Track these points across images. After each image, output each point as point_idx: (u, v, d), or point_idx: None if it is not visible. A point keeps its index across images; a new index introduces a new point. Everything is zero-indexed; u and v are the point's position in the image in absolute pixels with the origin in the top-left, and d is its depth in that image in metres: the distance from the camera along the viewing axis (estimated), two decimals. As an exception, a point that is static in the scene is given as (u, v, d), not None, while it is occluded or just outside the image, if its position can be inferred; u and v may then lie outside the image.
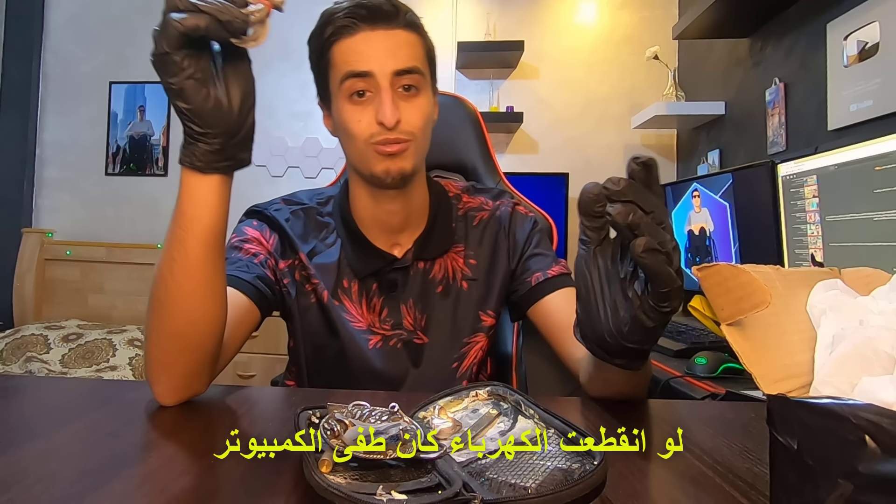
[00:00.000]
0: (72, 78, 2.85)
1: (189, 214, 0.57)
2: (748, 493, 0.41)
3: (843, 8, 1.51)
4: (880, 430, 0.26)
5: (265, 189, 2.75)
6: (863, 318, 0.37)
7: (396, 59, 0.72)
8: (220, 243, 0.60)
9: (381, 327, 0.81)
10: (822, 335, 0.37)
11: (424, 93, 0.76)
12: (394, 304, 0.82)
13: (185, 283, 0.57)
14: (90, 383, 0.76)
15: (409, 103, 0.74)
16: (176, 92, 0.51)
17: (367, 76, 0.72)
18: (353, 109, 0.73)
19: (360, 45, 0.72)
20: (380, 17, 0.72)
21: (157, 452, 0.48)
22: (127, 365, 2.19)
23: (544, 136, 2.72)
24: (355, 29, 0.72)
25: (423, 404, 0.52)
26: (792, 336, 0.38)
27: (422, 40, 0.77)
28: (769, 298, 0.37)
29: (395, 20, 0.73)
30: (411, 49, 0.74)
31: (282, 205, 0.85)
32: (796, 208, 1.39)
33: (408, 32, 0.74)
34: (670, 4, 2.67)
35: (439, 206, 0.85)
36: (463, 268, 0.85)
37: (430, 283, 0.83)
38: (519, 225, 0.87)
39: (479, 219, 0.87)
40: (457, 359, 0.83)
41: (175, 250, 0.57)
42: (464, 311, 0.83)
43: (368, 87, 0.72)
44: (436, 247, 0.83)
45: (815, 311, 0.39)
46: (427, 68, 0.77)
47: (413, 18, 0.76)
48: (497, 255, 0.86)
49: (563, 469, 0.39)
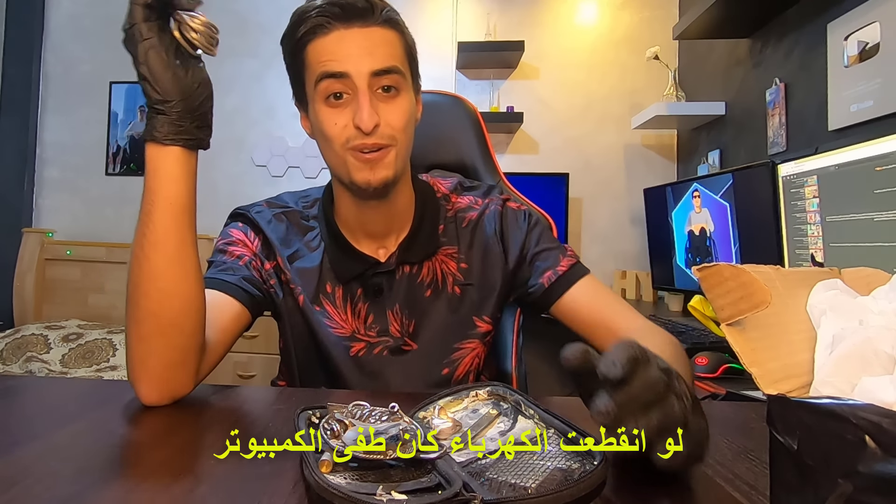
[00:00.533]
0: (72, 78, 2.85)
1: (153, 188, 0.59)
2: (748, 493, 0.41)
3: (844, 8, 1.51)
4: (880, 430, 0.26)
5: (265, 189, 2.75)
6: (863, 318, 0.37)
7: (374, 59, 0.69)
8: (187, 217, 0.61)
9: (365, 334, 0.79)
10: (822, 335, 0.37)
11: (405, 93, 0.73)
12: (379, 310, 0.80)
13: (155, 257, 0.59)
14: (90, 383, 0.76)
15: (389, 105, 0.71)
16: (141, 61, 0.56)
17: (343, 77, 0.69)
18: (329, 112, 0.71)
19: (335, 45, 0.70)
20: (354, 15, 0.69)
21: (157, 452, 0.48)
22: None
23: (544, 136, 2.72)
24: (329, 28, 0.70)
25: (423, 404, 0.52)
26: (792, 336, 0.37)
27: (401, 37, 0.74)
28: (769, 298, 0.37)
29: (370, 17, 0.70)
30: (389, 47, 0.71)
31: (264, 207, 0.84)
32: (797, 208, 1.39)
33: (385, 29, 0.71)
34: (670, 4, 2.66)
35: (425, 207, 0.83)
36: (455, 272, 0.82)
37: (417, 287, 0.80)
38: (513, 223, 0.84)
39: (468, 220, 0.84)
40: (447, 365, 0.80)
41: (144, 225, 0.59)
42: (456, 316, 0.81)
43: (345, 89, 0.70)
44: (420, 249, 0.80)
45: (814, 311, 0.39)
46: (407, 67, 0.74)
47: (391, 14, 0.73)
48: (490, 258, 0.83)
49: (563, 469, 0.39)
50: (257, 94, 2.75)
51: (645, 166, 2.69)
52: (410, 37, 0.76)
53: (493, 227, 0.84)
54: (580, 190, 2.67)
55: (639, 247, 2.61)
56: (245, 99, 2.75)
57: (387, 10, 0.72)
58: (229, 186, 2.78)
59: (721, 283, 0.38)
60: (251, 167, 2.78)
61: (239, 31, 2.76)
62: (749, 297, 0.37)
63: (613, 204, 2.70)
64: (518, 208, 0.86)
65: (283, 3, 2.76)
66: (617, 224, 2.70)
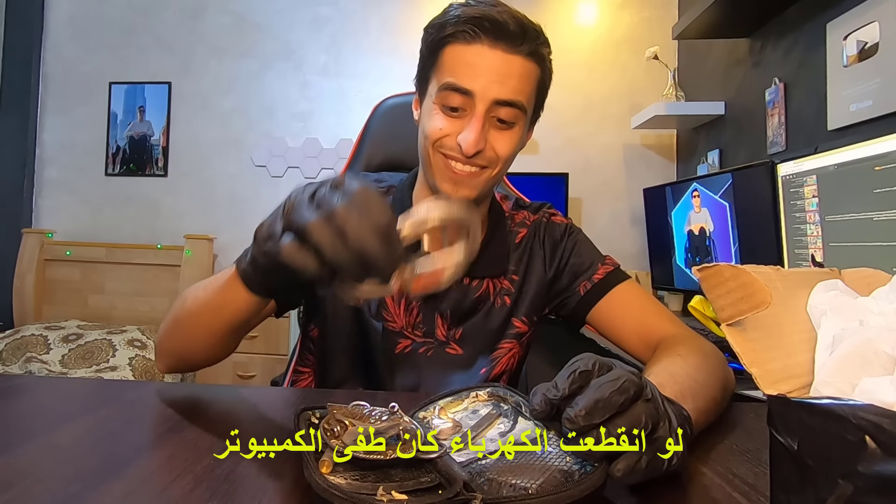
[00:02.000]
0: (72, 78, 2.85)
1: (225, 301, 0.61)
2: (748, 493, 0.41)
3: (843, 8, 1.51)
4: (880, 430, 0.26)
5: (265, 190, 2.75)
6: (863, 319, 0.37)
7: (503, 88, 0.68)
8: (242, 330, 0.66)
9: (412, 333, 0.80)
10: (823, 336, 0.37)
11: (519, 126, 0.72)
12: (429, 312, 0.80)
13: (198, 329, 0.64)
14: (90, 383, 0.76)
15: (500, 133, 0.71)
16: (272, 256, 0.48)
17: (467, 94, 0.68)
18: (440, 117, 0.70)
19: (472, 58, 0.68)
20: (503, 37, 0.67)
21: (156, 452, 0.48)
22: (127, 365, 2.19)
23: (544, 136, 2.72)
24: (474, 38, 0.68)
25: (423, 404, 0.52)
26: (792, 336, 0.37)
27: (540, 72, 0.72)
28: (770, 299, 0.37)
29: (517, 44, 0.68)
30: (523, 81, 0.70)
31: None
32: (796, 208, 1.39)
33: (527, 61, 0.69)
34: (670, 4, 2.66)
35: (497, 227, 0.83)
36: (509, 287, 0.83)
37: (468, 295, 0.81)
38: (552, 234, 0.86)
39: (521, 237, 0.86)
40: (485, 365, 0.81)
41: (203, 304, 0.63)
42: (497, 321, 0.82)
43: (464, 105, 0.69)
44: (486, 267, 0.81)
45: (815, 311, 0.39)
46: (533, 103, 0.73)
47: (539, 48, 0.70)
48: (532, 264, 0.84)
49: (563, 470, 0.39)
50: (257, 95, 2.75)
51: (644, 166, 2.69)
52: (550, 70, 0.74)
53: (538, 237, 0.86)
54: (580, 190, 2.67)
55: (638, 247, 2.61)
56: (244, 99, 2.75)
57: (538, 43, 0.70)
58: (228, 187, 2.79)
59: (721, 283, 0.38)
60: (251, 167, 2.78)
61: (238, 31, 2.76)
62: (749, 298, 0.37)
63: (613, 204, 2.70)
64: (561, 221, 0.88)
65: (282, 3, 2.76)
66: (616, 224, 2.70)
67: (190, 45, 2.80)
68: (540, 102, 0.76)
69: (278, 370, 2.15)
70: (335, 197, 0.43)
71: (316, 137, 2.75)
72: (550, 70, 0.74)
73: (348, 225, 0.41)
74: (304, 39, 2.72)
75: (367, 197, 0.43)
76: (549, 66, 0.74)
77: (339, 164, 2.66)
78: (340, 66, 2.72)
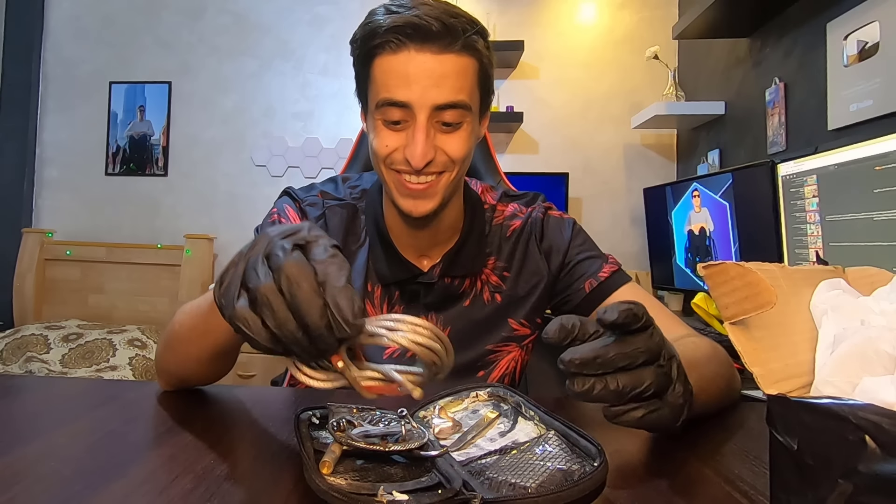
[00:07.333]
0: (72, 78, 2.85)
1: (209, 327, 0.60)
2: (748, 493, 0.41)
3: (843, 8, 1.51)
4: (880, 430, 0.26)
5: (265, 189, 2.75)
6: (864, 318, 0.37)
7: (440, 91, 0.65)
8: (230, 353, 0.65)
9: None
10: (824, 335, 0.37)
11: (467, 124, 0.69)
12: (413, 314, 0.80)
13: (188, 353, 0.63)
14: (90, 383, 0.75)
15: (448, 136, 0.68)
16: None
17: (405, 107, 0.66)
18: (385, 133, 0.68)
19: (402, 67, 0.65)
20: (429, 39, 0.64)
21: (157, 452, 0.48)
22: (127, 365, 2.19)
23: (544, 135, 2.72)
24: (399, 46, 0.65)
25: (423, 404, 0.52)
26: (794, 336, 0.37)
27: (477, 64, 0.68)
28: (774, 299, 0.37)
29: (446, 43, 0.65)
30: (460, 78, 0.66)
31: (318, 198, 0.81)
32: (796, 208, 1.39)
33: (461, 57, 0.66)
34: (670, 4, 2.66)
35: (474, 221, 0.81)
36: (496, 283, 0.81)
37: (455, 295, 0.80)
38: (555, 231, 0.84)
39: (512, 229, 0.84)
40: (482, 367, 0.80)
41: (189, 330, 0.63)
42: (491, 320, 0.81)
43: (405, 117, 0.67)
44: (464, 266, 0.79)
45: (816, 310, 0.39)
46: (477, 95, 0.70)
47: (470, 41, 0.66)
48: (531, 264, 0.82)
49: (563, 469, 0.39)
50: (257, 94, 2.75)
51: (645, 166, 2.69)
52: (489, 58, 0.70)
53: (534, 234, 0.83)
54: (580, 190, 2.67)
55: (638, 246, 2.61)
56: (244, 99, 2.75)
57: (466, 36, 0.66)
58: (229, 186, 2.79)
59: (727, 281, 0.37)
60: (251, 167, 2.78)
61: (238, 30, 2.76)
62: (754, 297, 0.37)
63: (613, 204, 2.70)
64: (560, 216, 0.86)
65: (281, 2, 2.76)
66: (617, 224, 2.70)
67: (190, 44, 2.80)
68: (485, 93, 0.73)
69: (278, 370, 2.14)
70: (278, 260, 0.37)
71: (316, 137, 2.75)
72: (489, 56, 0.71)
73: (275, 304, 0.37)
74: (304, 39, 2.72)
75: (301, 273, 0.37)
76: (486, 54, 0.70)
77: (340, 163, 2.66)
78: (340, 66, 2.72)
